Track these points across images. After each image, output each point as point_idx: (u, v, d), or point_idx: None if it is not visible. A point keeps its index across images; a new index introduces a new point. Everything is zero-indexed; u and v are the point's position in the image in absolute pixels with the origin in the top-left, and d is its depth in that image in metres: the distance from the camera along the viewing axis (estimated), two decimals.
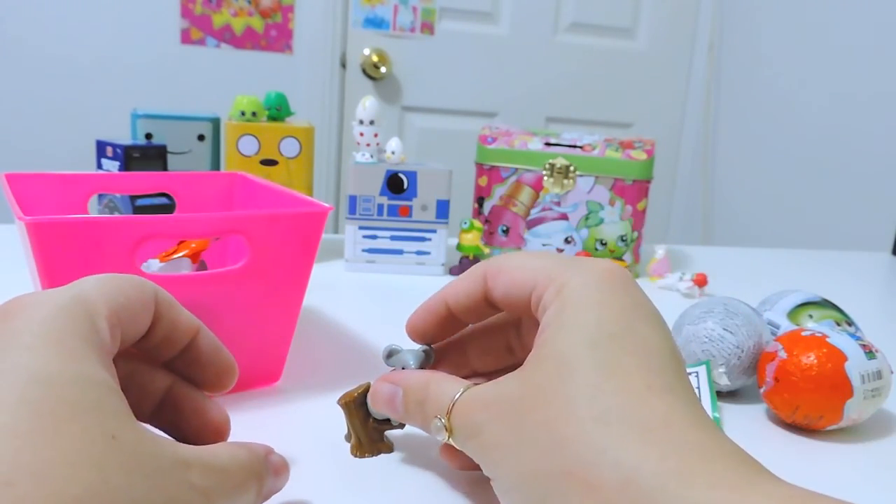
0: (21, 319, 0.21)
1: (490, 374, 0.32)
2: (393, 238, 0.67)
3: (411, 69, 1.90)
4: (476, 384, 0.27)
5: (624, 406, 0.22)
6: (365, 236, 0.67)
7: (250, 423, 0.36)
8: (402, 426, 0.33)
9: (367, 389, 0.33)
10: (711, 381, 0.39)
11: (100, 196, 0.65)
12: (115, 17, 1.69)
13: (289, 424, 0.36)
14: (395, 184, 0.67)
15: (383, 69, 1.86)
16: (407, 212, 0.67)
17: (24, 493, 0.17)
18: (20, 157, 1.69)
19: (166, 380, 0.27)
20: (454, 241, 0.75)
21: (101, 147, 0.65)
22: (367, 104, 0.67)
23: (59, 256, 0.31)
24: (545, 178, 0.73)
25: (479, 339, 0.33)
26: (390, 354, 0.33)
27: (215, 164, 0.72)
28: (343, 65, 1.88)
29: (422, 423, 0.29)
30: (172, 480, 0.20)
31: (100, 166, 0.66)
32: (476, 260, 0.70)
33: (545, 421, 0.23)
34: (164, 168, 0.66)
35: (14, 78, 1.67)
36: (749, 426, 0.40)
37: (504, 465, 0.25)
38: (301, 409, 0.38)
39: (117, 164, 0.64)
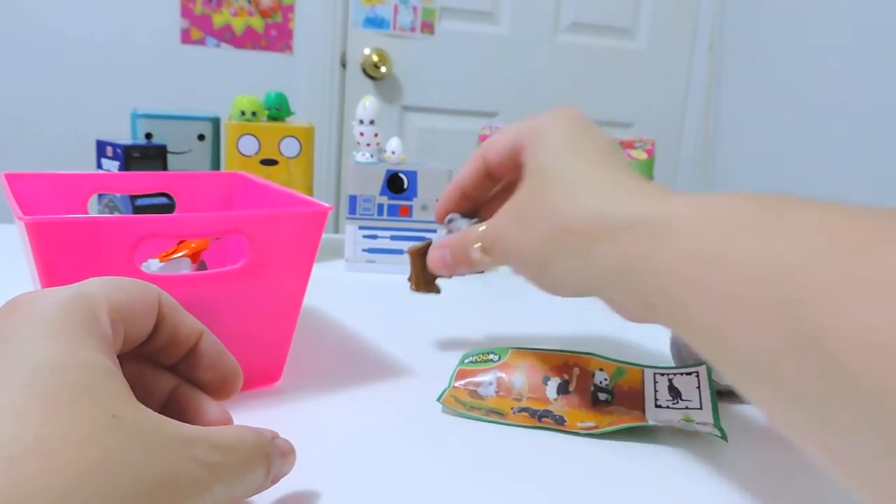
0: (24, 314, 0.22)
1: None
2: (393, 238, 0.67)
3: (411, 69, 1.90)
4: None
5: (588, 179, 0.33)
6: (365, 236, 0.67)
7: (250, 423, 0.35)
8: (449, 276, 0.44)
9: (429, 244, 0.44)
10: (712, 381, 0.39)
11: (100, 196, 0.65)
12: (115, 16, 1.69)
13: (289, 424, 0.36)
14: (395, 184, 0.67)
15: (383, 69, 1.86)
16: (407, 212, 0.67)
17: (26, 468, 0.17)
18: (20, 157, 1.69)
19: (171, 382, 0.28)
20: None
21: (101, 147, 0.65)
22: (368, 104, 0.67)
23: (58, 256, 0.31)
24: None
25: (490, 208, 0.41)
26: (451, 220, 0.44)
27: (215, 164, 0.72)
28: (343, 65, 1.88)
29: (467, 262, 0.40)
30: (175, 455, 0.21)
31: (100, 166, 0.66)
32: None
33: (543, 207, 0.34)
34: (164, 168, 0.66)
35: (14, 77, 1.67)
36: (749, 426, 0.40)
37: (524, 251, 0.35)
38: (301, 409, 0.38)
39: (117, 163, 0.64)
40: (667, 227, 0.28)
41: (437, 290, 0.47)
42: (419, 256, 0.46)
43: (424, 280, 0.46)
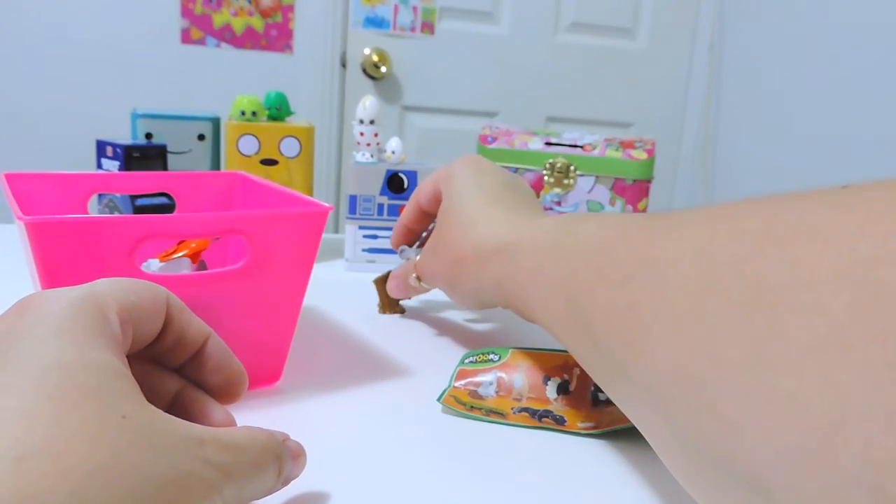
0: (34, 314, 0.22)
1: None
2: None
3: (411, 69, 1.90)
4: None
5: (476, 216, 0.41)
6: (365, 236, 0.67)
7: (251, 424, 0.35)
8: (409, 298, 0.53)
9: (389, 273, 0.53)
10: None
11: (100, 196, 0.65)
12: (115, 16, 1.69)
13: (289, 424, 0.36)
14: (395, 183, 0.67)
15: (383, 69, 1.86)
16: None
17: (35, 468, 0.17)
18: (20, 157, 1.69)
19: (176, 384, 0.28)
20: None
21: (101, 147, 0.65)
22: (368, 104, 0.67)
23: (58, 256, 0.31)
24: (545, 177, 0.73)
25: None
26: (402, 251, 0.52)
27: (215, 164, 0.72)
28: (343, 64, 1.88)
29: (410, 288, 0.50)
30: (186, 456, 0.21)
31: (100, 166, 0.66)
32: None
33: (446, 242, 0.43)
34: (164, 168, 0.66)
35: (14, 77, 1.67)
36: None
37: (439, 277, 0.45)
38: (301, 409, 0.38)
39: (117, 163, 0.64)
40: (516, 249, 0.37)
41: (402, 311, 0.55)
42: (383, 284, 0.54)
43: (389, 303, 0.55)
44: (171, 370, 0.28)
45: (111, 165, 0.64)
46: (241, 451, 0.23)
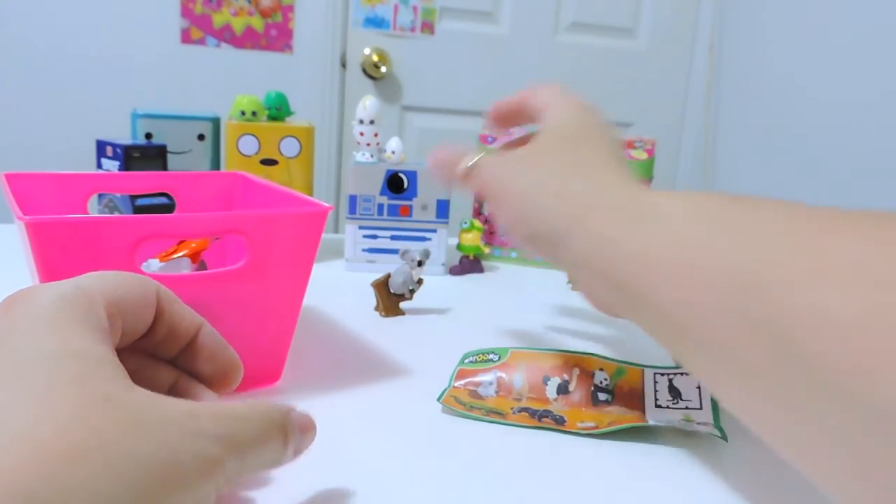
0: (22, 308, 0.22)
1: None
2: (393, 238, 0.67)
3: (411, 69, 1.90)
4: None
5: (592, 161, 0.36)
6: (365, 236, 0.67)
7: None
8: (411, 297, 0.54)
9: (388, 276, 0.54)
10: None
11: (100, 196, 0.65)
12: (115, 16, 1.69)
13: None
14: (395, 183, 0.67)
15: (383, 69, 1.86)
16: (407, 211, 0.67)
17: (11, 456, 0.17)
18: (20, 157, 1.69)
19: (171, 375, 0.28)
20: (454, 241, 0.74)
21: (101, 147, 0.65)
22: (368, 104, 0.67)
23: (58, 256, 0.31)
24: None
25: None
26: (405, 252, 0.53)
27: (215, 164, 0.72)
28: (343, 64, 1.88)
29: (451, 168, 0.41)
30: (178, 429, 0.20)
31: (100, 166, 0.66)
32: (476, 260, 0.70)
33: (545, 165, 0.36)
34: (164, 168, 0.66)
35: (14, 77, 1.67)
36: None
37: (508, 190, 0.37)
38: (301, 409, 0.38)
39: (117, 163, 0.64)
40: (649, 212, 0.30)
41: (401, 313, 0.54)
42: (383, 287, 0.54)
43: (391, 306, 0.54)
44: (165, 362, 0.28)
45: (111, 165, 0.64)
46: (240, 419, 0.22)
